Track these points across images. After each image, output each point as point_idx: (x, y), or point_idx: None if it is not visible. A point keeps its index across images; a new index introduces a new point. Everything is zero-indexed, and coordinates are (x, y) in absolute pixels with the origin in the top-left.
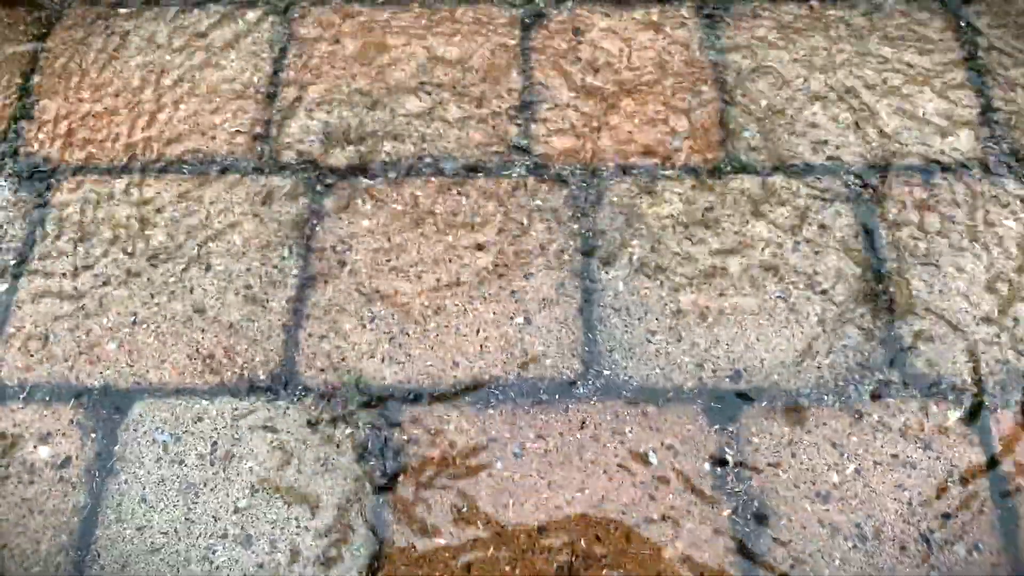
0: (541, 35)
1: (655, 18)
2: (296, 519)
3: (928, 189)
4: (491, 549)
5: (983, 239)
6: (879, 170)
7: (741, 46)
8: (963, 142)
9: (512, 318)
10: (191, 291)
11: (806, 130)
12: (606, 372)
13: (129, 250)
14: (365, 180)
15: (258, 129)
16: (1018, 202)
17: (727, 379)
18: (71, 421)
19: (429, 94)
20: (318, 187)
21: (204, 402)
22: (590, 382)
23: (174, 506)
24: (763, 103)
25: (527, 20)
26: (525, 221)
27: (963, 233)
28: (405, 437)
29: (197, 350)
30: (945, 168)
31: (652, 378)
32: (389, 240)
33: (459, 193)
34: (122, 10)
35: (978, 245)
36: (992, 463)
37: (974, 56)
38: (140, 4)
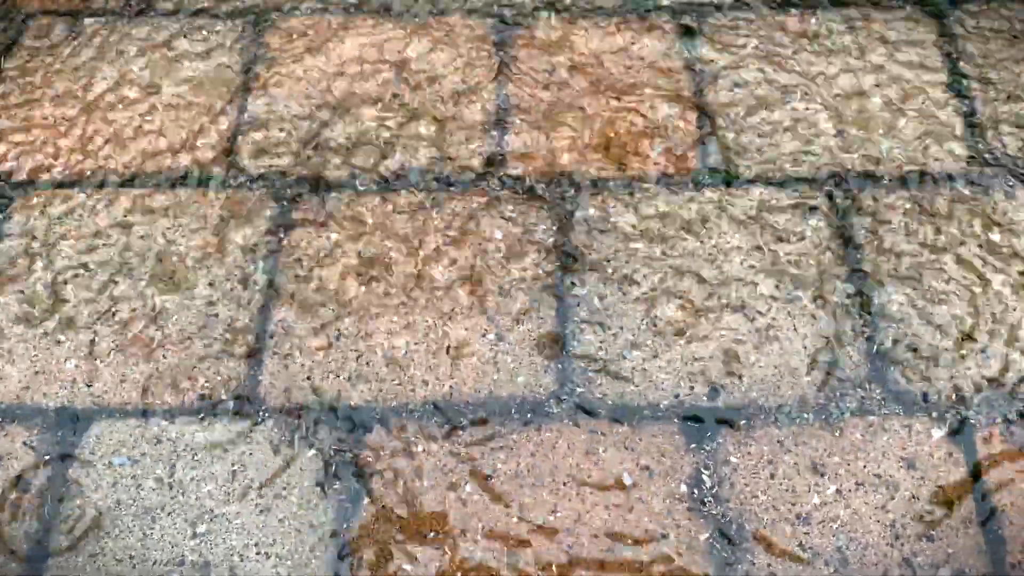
0: (515, 47)
1: (632, 28)
2: (256, 545)
3: (911, 200)
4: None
5: (967, 252)
6: (860, 180)
7: (721, 57)
8: (947, 152)
9: (484, 335)
10: (152, 308)
11: (787, 140)
12: (579, 390)
13: (89, 266)
14: (334, 193)
15: (225, 142)
16: (1003, 214)
17: (704, 397)
18: (24, 443)
19: (401, 106)
20: (285, 201)
21: (164, 423)
22: (563, 400)
23: (130, 532)
24: (743, 113)
25: (501, 32)
26: (498, 235)
27: (947, 246)
28: (371, 459)
29: (158, 369)
30: (929, 178)
31: (627, 396)
32: (359, 255)
33: (431, 207)
34: (88, 20)
35: (962, 258)
36: (977, 482)
37: (958, 66)
38: (106, 15)
